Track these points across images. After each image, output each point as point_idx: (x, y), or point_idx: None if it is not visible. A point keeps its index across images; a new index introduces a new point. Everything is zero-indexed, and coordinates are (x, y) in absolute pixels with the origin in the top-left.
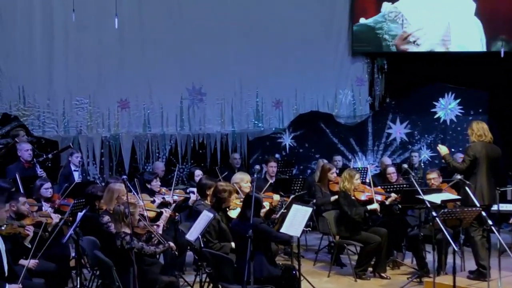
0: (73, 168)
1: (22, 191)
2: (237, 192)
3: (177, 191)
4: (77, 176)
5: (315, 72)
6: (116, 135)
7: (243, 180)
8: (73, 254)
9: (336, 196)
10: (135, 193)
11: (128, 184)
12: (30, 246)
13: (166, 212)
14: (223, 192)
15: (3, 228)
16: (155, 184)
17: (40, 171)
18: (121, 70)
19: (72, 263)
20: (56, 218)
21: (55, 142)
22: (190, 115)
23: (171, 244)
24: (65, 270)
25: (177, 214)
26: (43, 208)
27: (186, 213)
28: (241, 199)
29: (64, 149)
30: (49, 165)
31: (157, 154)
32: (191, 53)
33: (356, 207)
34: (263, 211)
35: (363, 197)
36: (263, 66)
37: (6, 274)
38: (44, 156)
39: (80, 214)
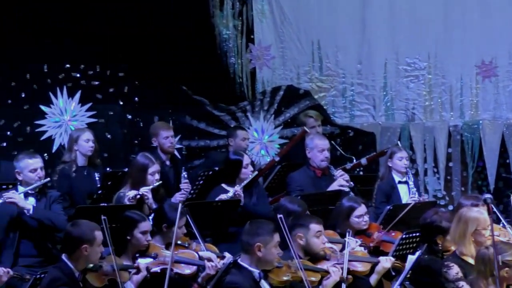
0: (397, 179)
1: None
2: None
3: None
4: (405, 193)
5: None
6: (474, 123)
7: None
8: None
9: None
10: (507, 226)
11: (495, 209)
12: None
13: None
14: None
15: (285, 277)
16: None
17: (336, 175)
18: (485, 9)
19: None
20: (386, 262)
21: (370, 135)
22: None
23: None
24: None
25: None
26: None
27: None
28: None
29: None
30: (361, 173)
31: None
32: None
33: None
34: None
35: None
36: None
37: None
38: (354, 161)
39: (412, 258)
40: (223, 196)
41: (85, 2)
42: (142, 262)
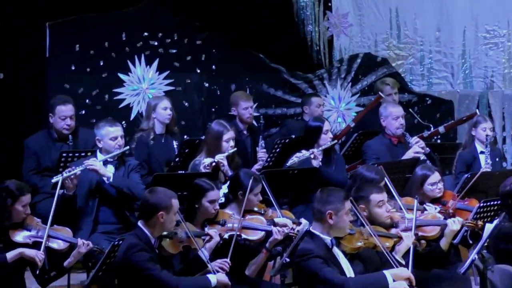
0: (479, 148)
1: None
2: None
3: None
4: (484, 162)
5: None
6: None
7: None
8: None
9: None
10: None
11: None
12: None
13: None
14: None
15: (358, 243)
16: None
17: (412, 142)
18: None
19: None
20: (454, 224)
21: (448, 103)
22: None
23: None
24: None
25: None
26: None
27: None
28: None
29: (468, 118)
30: (438, 141)
31: None
32: None
33: None
34: None
35: None
36: None
37: None
38: (432, 129)
39: (489, 227)
40: (298, 155)
41: None
42: (211, 229)
